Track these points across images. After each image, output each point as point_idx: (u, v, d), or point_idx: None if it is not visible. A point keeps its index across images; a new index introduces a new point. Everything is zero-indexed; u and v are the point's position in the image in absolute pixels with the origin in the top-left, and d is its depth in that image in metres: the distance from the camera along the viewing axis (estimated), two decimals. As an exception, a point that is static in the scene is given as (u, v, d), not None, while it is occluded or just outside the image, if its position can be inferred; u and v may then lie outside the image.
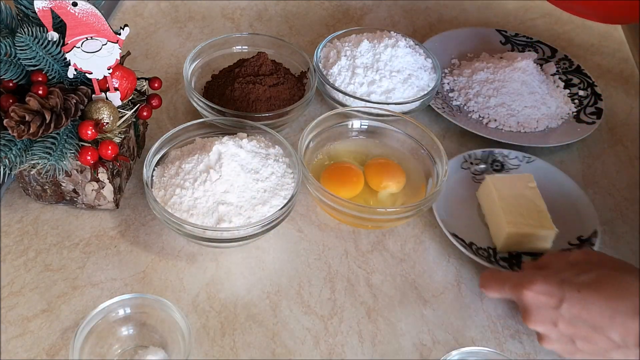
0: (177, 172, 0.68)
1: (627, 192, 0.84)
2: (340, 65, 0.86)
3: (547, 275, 0.60)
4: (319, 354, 0.63)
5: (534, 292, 0.59)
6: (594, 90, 0.94)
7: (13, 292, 0.65)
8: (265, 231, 0.67)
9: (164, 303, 0.60)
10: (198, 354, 0.62)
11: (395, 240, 0.75)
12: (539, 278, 0.60)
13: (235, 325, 0.65)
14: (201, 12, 1.05)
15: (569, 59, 0.99)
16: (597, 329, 0.56)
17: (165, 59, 0.96)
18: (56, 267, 0.68)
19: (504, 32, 1.04)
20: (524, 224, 0.71)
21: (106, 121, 0.67)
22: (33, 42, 0.63)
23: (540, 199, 0.73)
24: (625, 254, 0.76)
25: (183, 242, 0.71)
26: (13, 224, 0.71)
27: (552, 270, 0.61)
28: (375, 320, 0.67)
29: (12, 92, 0.66)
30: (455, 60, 0.99)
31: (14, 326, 0.63)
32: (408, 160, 0.80)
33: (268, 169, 0.70)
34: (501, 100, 0.88)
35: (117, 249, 0.70)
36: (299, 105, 0.81)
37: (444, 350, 0.64)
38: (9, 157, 0.63)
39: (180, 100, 0.89)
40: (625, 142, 0.91)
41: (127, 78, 0.71)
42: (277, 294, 0.68)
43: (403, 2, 1.14)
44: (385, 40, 0.88)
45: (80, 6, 0.62)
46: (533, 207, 0.72)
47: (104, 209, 0.73)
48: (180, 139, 0.74)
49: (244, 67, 0.84)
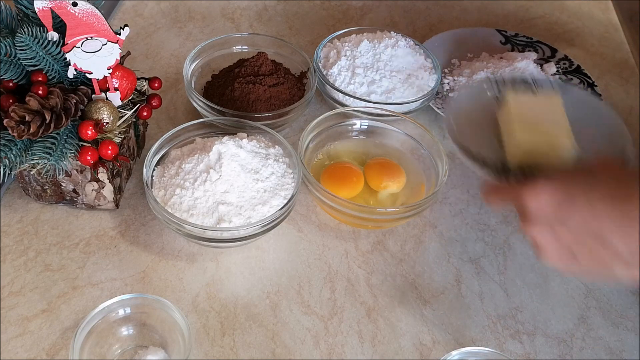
0: (177, 172, 0.68)
1: (627, 192, 0.83)
2: (340, 65, 0.86)
3: (552, 178, 0.55)
4: (319, 354, 0.63)
5: (537, 191, 0.54)
6: (594, 90, 0.94)
7: (13, 292, 0.65)
8: (265, 231, 0.67)
9: (164, 303, 0.60)
10: (198, 354, 0.62)
11: (395, 240, 0.75)
12: (543, 179, 0.54)
13: (235, 325, 0.65)
14: (201, 12, 1.05)
15: (569, 59, 0.99)
16: (604, 241, 0.51)
17: (165, 59, 0.96)
18: (56, 267, 0.68)
19: (504, 32, 1.04)
20: (540, 132, 0.65)
21: (106, 121, 0.67)
22: (33, 42, 0.63)
23: (565, 118, 0.67)
24: (625, 254, 0.75)
25: (183, 242, 0.71)
26: (13, 224, 0.71)
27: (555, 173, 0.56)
28: (375, 320, 0.67)
29: (12, 92, 0.66)
30: (455, 60, 0.99)
31: (14, 326, 0.63)
32: (408, 160, 0.80)
33: (268, 169, 0.70)
34: (501, 100, 0.88)
35: (117, 249, 0.70)
36: (299, 105, 0.81)
37: (444, 350, 0.64)
38: (9, 157, 0.63)
39: (180, 100, 0.89)
40: (625, 142, 0.91)
41: (127, 78, 0.71)
42: (277, 294, 0.68)
43: (403, 2, 1.14)
44: (385, 40, 0.88)
45: (80, 6, 0.62)
46: (555, 123, 0.67)
47: (104, 209, 0.73)
48: (180, 139, 0.74)
49: (244, 67, 0.84)
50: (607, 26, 1.14)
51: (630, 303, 0.71)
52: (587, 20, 1.15)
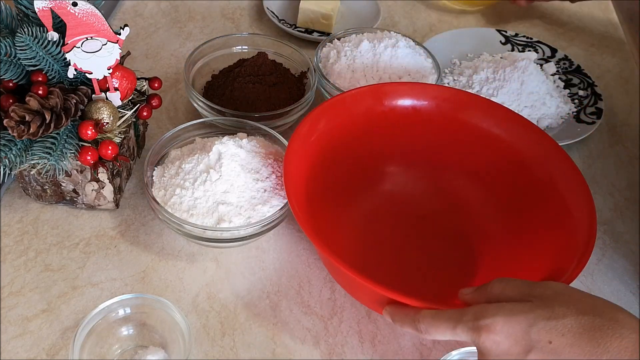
0: (177, 172, 0.68)
1: (627, 192, 0.84)
2: (340, 65, 0.86)
3: (509, 315, 0.48)
4: (319, 354, 0.63)
5: (495, 337, 0.48)
6: (594, 90, 0.94)
7: (13, 292, 0.65)
8: (265, 231, 0.67)
9: (164, 303, 0.60)
10: (198, 354, 0.62)
11: (395, 240, 0.75)
12: (500, 319, 0.48)
13: (235, 325, 0.65)
14: (201, 12, 1.05)
15: (569, 59, 0.99)
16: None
17: (165, 59, 0.96)
18: (56, 267, 0.68)
19: (504, 32, 1.04)
20: None
21: (106, 121, 0.67)
22: (33, 42, 0.63)
23: None
24: (626, 254, 0.76)
25: (183, 242, 0.71)
26: (13, 224, 0.71)
27: (515, 309, 0.49)
28: (375, 320, 0.67)
29: (12, 92, 0.66)
30: (455, 60, 0.99)
31: (14, 326, 0.63)
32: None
33: (268, 169, 0.70)
34: (501, 100, 0.88)
35: (117, 249, 0.70)
36: (299, 105, 0.81)
37: (444, 350, 0.64)
38: (9, 157, 0.63)
39: (180, 100, 0.89)
40: (625, 142, 0.91)
41: (127, 78, 0.71)
42: (277, 294, 0.68)
43: (403, 2, 1.14)
44: (385, 40, 0.88)
45: (80, 6, 0.62)
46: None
47: (104, 209, 0.73)
48: (180, 139, 0.74)
49: (244, 67, 0.84)
50: (607, 26, 1.14)
51: (630, 303, 0.71)
52: (587, 20, 1.15)
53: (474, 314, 0.49)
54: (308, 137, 0.67)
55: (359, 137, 0.73)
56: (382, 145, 0.75)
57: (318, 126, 0.69)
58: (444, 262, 0.71)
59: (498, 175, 0.72)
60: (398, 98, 0.73)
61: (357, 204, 0.74)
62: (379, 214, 0.75)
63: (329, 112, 0.70)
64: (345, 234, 0.72)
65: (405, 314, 0.54)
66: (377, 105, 0.73)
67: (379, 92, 0.73)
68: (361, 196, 0.75)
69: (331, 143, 0.70)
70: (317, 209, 0.65)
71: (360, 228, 0.74)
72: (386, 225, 0.74)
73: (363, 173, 0.75)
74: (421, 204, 0.75)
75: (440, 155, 0.75)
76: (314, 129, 0.68)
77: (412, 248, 0.72)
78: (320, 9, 0.99)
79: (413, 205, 0.76)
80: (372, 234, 0.73)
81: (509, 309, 0.48)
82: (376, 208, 0.75)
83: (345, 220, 0.73)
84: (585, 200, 0.64)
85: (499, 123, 0.72)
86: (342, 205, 0.73)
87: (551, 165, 0.68)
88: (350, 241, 0.71)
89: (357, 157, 0.74)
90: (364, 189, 0.75)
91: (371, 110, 0.73)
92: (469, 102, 0.74)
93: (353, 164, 0.74)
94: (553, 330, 0.46)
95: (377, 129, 0.74)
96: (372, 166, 0.76)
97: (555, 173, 0.67)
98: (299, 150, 0.65)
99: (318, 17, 1.00)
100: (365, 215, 0.74)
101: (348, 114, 0.71)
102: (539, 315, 0.47)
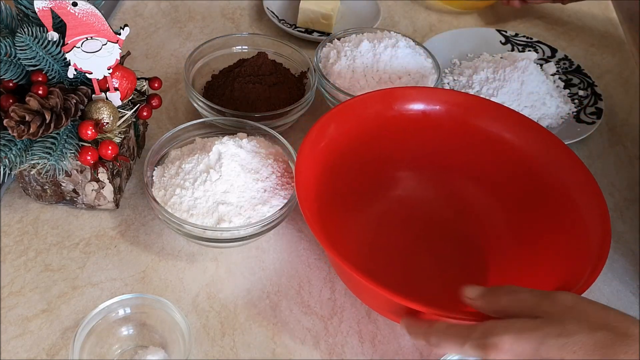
0: (177, 172, 0.68)
1: (627, 192, 0.84)
2: (341, 65, 0.86)
3: (518, 333, 0.47)
4: (319, 354, 0.63)
5: (504, 355, 0.47)
6: (594, 90, 0.94)
7: (13, 292, 0.65)
8: (265, 231, 0.67)
9: (164, 303, 0.60)
10: (198, 354, 0.62)
11: (395, 240, 0.75)
12: (508, 338, 0.47)
13: (235, 325, 0.65)
14: (201, 12, 1.05)
15: (569, 59, 0.99)
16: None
17: (165, 59, 0.96)
18: (56, 267, 0.68)
19: (504, 32, 1.04)
20: None
21: (106, 121, 0.67)
22: (33, 42, 0.63)
23: None
24: (625, 254, 0.76)
25: (183, 242, 0.71)
26: (13, 224, 0.71)
27: (524, 327, 0.48)
28: (375, 320, 0.67)
29: (12, 92, 0.66)
30: (455, 60, 0.99)
31: (14, 326, 0.63)
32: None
33: (268, 169, 0.70)
34: (501, 100, 0.88)
35: (117, 249, 0.70)
36: (299, 105, 0.81)
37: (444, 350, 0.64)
38: (9, 157, 0.63)
39: (180, 100, 0.89)
40: (625, 142, 0.91)
41: (127, 78, 0.71)
42: (277, 294, 0.68)
43: (403, 2, 1.14)
44: (385, 40, 0.88)
45: (80, 6, 0.62)
46: None
47: (104, 209, 0.73)
48: (180, 139, 0.74)
49: (244, 67, 0.84)
50: (607, 26, 1.14)
51: (630, 303, 0.71)
52: (587, 20, 1.15)
53: (483, 332, 0.49)
54: (318, 143, 0.67)
55: (369, 142, 0.72)
56: (391, 150, 0.75)
57: (328, 132, 0.68)
58: (454, 268, 0.71)
59: (509, 181, 0.71)
60: (408, 103, 0.73)
61: (366, 208, 0.74)
62: (388, 219, 0.75)
63: (338, 117, 0.69)
64: (355, 238, 0.71)
65: (418, 326, 0.54)
66: (387, 110, 0.73)
67: (388, 97, 0.73)
68: (371, 201, 0.75)
69: (341, 148, 0.70)
70: (328, 215, 0.65)
71: (370, 232, 0.73)
72: (396, 230, 0.74)
73: (373, 178, 0.75)
74: (431, 209, 0.75)
75: (450, 160, 0.75)
76: (323, 135, 0.68)
77: (421, 253, 0.72)
78: (320, 9, 0.99)
79: (423, 210, 0.75)
80: (382, 239, 0.73)
81: (518, 328, 0.48)
82: (386, 213, 0.75)
83: (355, 224, 0.73)
84: (599, 208, 0.62)
85: (510, 128, 0.71)
86: (351, 210, 0.73)
87: (563, 171, 0.67)
88: (360, 245, 0.71)
89: (366, 162, 0.73)
90: (373, 193, 0.75)
91: (381, 115, 0.72)
92: (479, 107, 0.73)
93: (363, 169, 0.73)
94: (564, 348, 0.45)
95: (386, 133, 0.73)
96: (382, 171, 0.75)
97: (567, 179, 0.67)
98: (309, 157, 0.65)
99: (318, 17, 1.00)
100: (375, 220, 0.74)
101: (357, 119, 0.71)
102: (549, 333, 0.46)
